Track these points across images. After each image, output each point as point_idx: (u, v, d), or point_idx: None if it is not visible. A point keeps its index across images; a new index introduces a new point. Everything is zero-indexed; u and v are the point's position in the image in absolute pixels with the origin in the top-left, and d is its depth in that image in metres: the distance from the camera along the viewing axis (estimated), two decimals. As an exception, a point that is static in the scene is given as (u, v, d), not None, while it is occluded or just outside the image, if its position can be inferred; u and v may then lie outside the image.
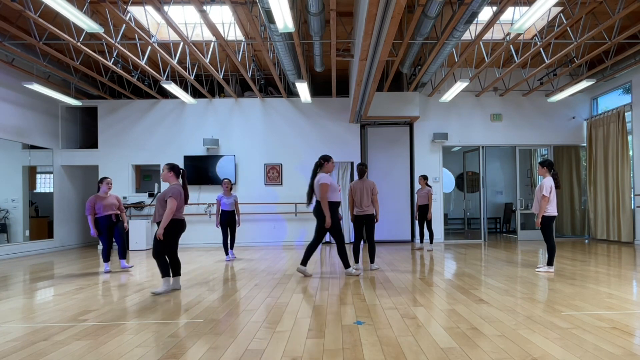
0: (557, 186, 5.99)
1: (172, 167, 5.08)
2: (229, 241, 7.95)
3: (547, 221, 6.00)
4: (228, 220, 7.84)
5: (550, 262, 6.07)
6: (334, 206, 5.79)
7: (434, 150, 11.07)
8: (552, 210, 5.97)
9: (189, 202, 10.65)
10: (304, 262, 5.96)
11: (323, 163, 5.87)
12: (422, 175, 9.31)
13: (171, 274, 5.04)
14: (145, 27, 7.48)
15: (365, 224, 6.39)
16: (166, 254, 4.99)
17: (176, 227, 4.95)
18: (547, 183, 5.94)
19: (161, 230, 4.79)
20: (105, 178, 6.79)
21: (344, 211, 11.00)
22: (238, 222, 7.97)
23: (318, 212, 5.82)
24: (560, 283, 5.21)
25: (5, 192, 9.31)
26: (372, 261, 6.54)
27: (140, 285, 5.56)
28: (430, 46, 7.95)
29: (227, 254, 7.96)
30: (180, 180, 5.09)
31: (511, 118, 11.12)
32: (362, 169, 6.54)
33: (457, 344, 3.01)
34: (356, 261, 6.53)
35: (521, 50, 8.55)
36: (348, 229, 11.09)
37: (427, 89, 11.01)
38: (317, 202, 5.83)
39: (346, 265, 6.00)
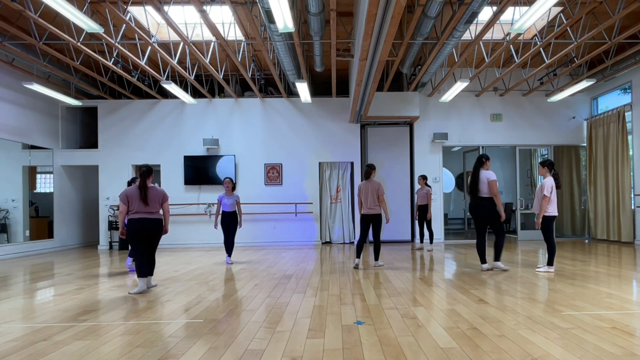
0: (557, 186, 6.00)
1: (137, 169, 5.11)
2: (228, 245, 7.51)
3: (547, 221, 6.00)
4: (228, 222, 7.41)
5: (550, 262, 6.08)
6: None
7: (434, 150, 11.07)
8: (552, 210, 5.98)
9: (190, 202, 10.80)
10: (497, 257, 6.15)
11: (485, 161, 6.12)
12: (421, 175, 9.32)
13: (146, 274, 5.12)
14: (145, 27, 7.48)
15: (372, 223, 6.62)
16: (138, 254, 5.08)
17: (131, 226, 5.02)
18: (548, 183, 5.94)
19: (120, 229, 5.22)
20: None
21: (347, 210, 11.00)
22: (240, 222, 7.51)
23: (486, 208, 6.01)
24: (561, 283, 5.21)
25: (5, 192, 9.32)
26: (376, 258, 6.80)
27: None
28: (430, 46, 7.95)
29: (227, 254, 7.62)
30: (139, 180, 5.12)
31: (511, 118, 11.12)
32: (368, 170, 6.78)
33: (457, 344, 3.01)
34: (357, 256, 6.72)
35: (521, 50, 8.55)
36: (349, 228, 11.09)
37: (427, 89, 11.01)
38: (479, 198, 6.00)
39: (497, 257, 6.15)
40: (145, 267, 5.09)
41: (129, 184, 6.65)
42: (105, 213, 10.84)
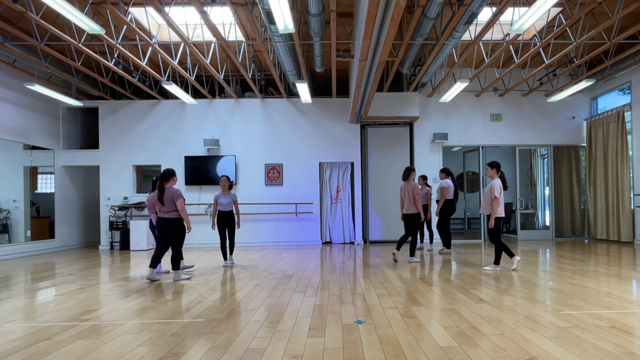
0: (504, 187, 6.10)
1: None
2: (227, 245, 7.16)
3: (496, 222, 6.08)
4: (225, 222, 7.04)
5: (497, 262, 6.27)
6: None
7: (434, 150, 11.09)
8: (501, 211, 6.06)
9: (190, 203, 10.81)
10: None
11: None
12: (421, 176, 9.32)
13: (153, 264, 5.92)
14: (146, 28, 7.50)
15: (409, 221, 7.18)
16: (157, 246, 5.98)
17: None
18: (497, 184, 6.04)
19: None
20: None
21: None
22: (238, 223, 7.12)
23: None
24: (560, 282, 5.23)
25: (6, 192, 9.34)
26: (411, 254, 7.25)
27: (141, 285, 5.58)
28: (430, 46, 7.97)
29: (225, 258, 7.20)
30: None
31: (511, 118, 11.13)
32: (406, 172, 7.28)
33: (457, 343, 3.03)
34: (396, 248, 7.30)
35: (521, 51, 8.57)
36: (350, 228, 11.10)
37: (427, 89, 11.03)
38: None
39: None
40: (154, 259, 5.86)
41: (153, 183, 6.47)
42: (106, 213, 10.86)
